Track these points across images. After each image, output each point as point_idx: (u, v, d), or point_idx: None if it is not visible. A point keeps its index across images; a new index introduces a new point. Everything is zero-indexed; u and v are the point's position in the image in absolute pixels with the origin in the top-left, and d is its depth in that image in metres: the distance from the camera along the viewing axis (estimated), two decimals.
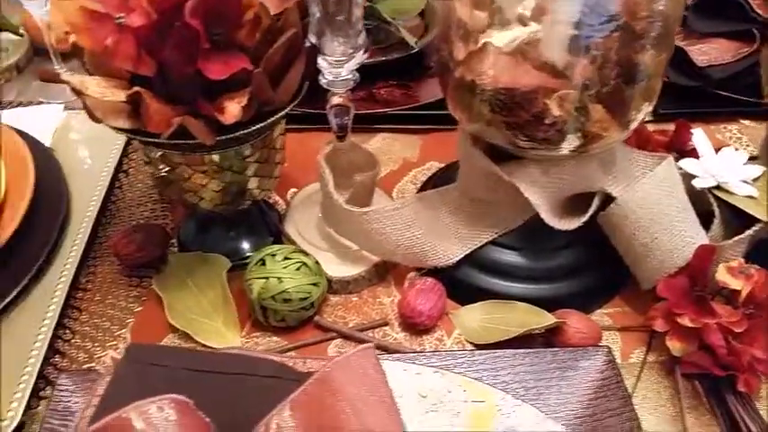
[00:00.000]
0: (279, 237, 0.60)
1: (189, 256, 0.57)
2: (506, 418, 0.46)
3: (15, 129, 0.64)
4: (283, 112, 0.47)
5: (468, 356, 0.49)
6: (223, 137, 0.44)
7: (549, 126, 0.46)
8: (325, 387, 0.36)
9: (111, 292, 0.56)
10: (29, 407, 0.47)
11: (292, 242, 0.59)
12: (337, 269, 0.56)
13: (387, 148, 0.72)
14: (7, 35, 0.83)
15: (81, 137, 0.70)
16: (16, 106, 0.76)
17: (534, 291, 0.54)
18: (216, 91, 0.45)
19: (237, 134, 0.45)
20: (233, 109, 0.43)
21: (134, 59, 0.42)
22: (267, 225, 0.62)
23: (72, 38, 0.46)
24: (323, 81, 0.51)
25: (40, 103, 0.76)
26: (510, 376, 0.48)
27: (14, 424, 0.46)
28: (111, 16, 0.41)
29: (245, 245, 0.60)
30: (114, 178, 0.65)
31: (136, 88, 0.41)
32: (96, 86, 0.43)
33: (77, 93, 0.44)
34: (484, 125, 0.48)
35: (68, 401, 0.46)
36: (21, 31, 0.83)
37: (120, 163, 0.67)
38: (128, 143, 0.69)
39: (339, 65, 0.49)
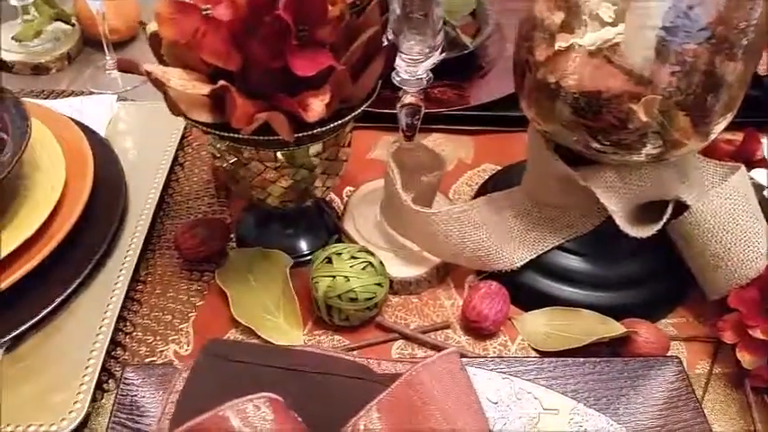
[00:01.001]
0: (336, 235, 0.60)
1: (249, 252, 0.57)
2: (579, 427, 0.45)
3: (72, 119, 0.64)
4: (360, 110, 0.47)
5: (536, 363, 0.48)
6: (302, 134, 0.44)
7: (632, 131, 0.45)
8: (413, 390, 0.36)
9: (172, 286, 0.56)
10: (93, 399, 0.47)
11: (352, 241, 0.58)
12: (398, 270, 0.55)
13: (439, 148, 0.71)
14: (59, 25, 0.83)
15: (134, 128, 0.70)
16: (68, 95, 0.76)
17: (599, 298, 0.54)
18: (294, 87, 0.44)
19: (316, 131, 0.45)
20: (317, 106, 0.42)
21: (220, 53, 0.41)
22: (325, 223, 0.61)
23: (150, 27, 0.46)
24: (396, 79, 0.50)
25: (92, 93, 0.76)
26: (580, 385, 0.48)
27: (81, 416, 0.45)
28: (198, 8, 0.41)
29: (303, 242, 0.59)
30: (170, 171, 0.65)
31: (223, 82, 0.41)
32: (178, 79, 0.43)
33: (158, 84, 0.43)
34: (560, 127, 0.48)
35: (135, 395, 0.46)
36: (73, 20, 0.83)
37: (175, 156, 0.66)
38: (183, 136, 0.69)
39: (415, 63, 0.49)
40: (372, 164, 0.69)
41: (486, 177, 0.66)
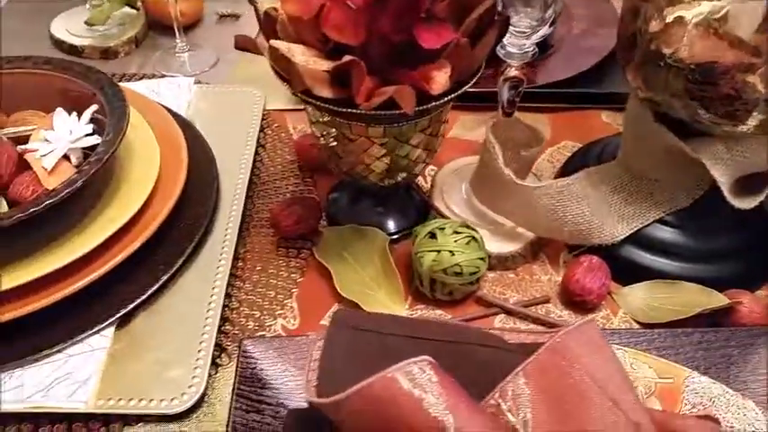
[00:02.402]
0: (425, 213, 0.60)
1: (344, 230, 0.57)
2: (695, 395, 0.45)
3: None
4: (470, 83, 0.47)
5: (647, 335, 0.49)
6: (423, 107, 0.44)
7: (745, 102, 0.45)
8: (560, 356, 0.36)
9: (271, 263, 0.56)
10: (207, 374, 0.47)
11: (444, 218, 0.58)
12: (495, 245, 0.56)
13: None
14: (125, 9, 0.83)
15: (212, 110, 0.70)
16: (140, 79, 0.76)
17: (697, 270, 0.54)
18: (412, 61, 0.44)
19: (435, 104, 0.45)
20: (441, 79, 0.42)
21: (344, 28, 0.42)
22: (414, 201, 0.61)
23: (263, 5, 0.46)
24: (501, 52, 0.50)
25: (164, 76, 0.77)
26: (690, 354, 0.48)
27: (201, 390, 0.46)
28: None
29: (391, 221, 0.60)
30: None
31: (351, 57, 0.41)
32: (301, 55, 0.43)
33: (280, 60, 0.44)
34: (670, 98, 0.48)
35: (254, 368, 0.46)
36: (138, 4, 0.84)
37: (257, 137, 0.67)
38: (262, 117, 0.69)
39: (523, 36, 0.49)
40: (451, 142, 0.69)
41: (568, 154, 0.66)
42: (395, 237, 0.58)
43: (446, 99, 0.45)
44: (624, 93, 0.73)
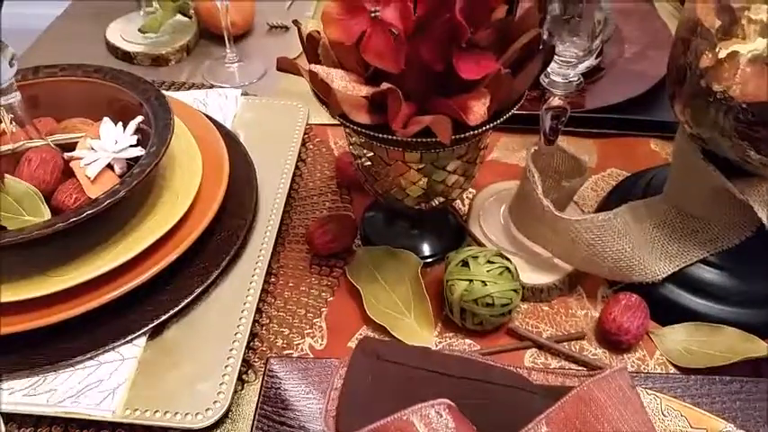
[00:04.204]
0: (461, 237, 0.60)
1: (377, 250, 0.57)
2: None
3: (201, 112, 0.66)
4: (510, 113, 0.46)
5: (682, 381, 0.47)
6: (458, 136, 0.44)
7: None
8: (585, 406, 0.35)
9: (303, 280, 0.56)
10: (233, 390, 0.48)
11: (479, 244, 0.58)
12: (529, 276, 0.54)
13: None
14: (177, 17, 0.85)
15: (257, 123, 0.71)
16: (189, 88, 0.77)
17: (741, 315, 0.51)
18: (450, 89, 0.44)
19: (471, 134, 0.44)
20: (478, 110, 0.42)
21: (385, 55, 0.41)
22: (450, 225, 0.61)
23: (307, 27, 0.47)
24: (545, 81, 0.49)
25: (212, 86, 0.78)
26: (727, 405, 0.46)
27: (225, 406, 0.46)
28: (367, 9, 0.41)
29: (426, 244, 0.59)
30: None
31: (389, 85, 0.41)
32: (340, 80, 0.43)
33: (320, 85, 0.44)
34: (718, 135, 0.46)
35: (278, 388, 0.47)
36: (190, 13, 0.85)
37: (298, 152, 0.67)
38: (305, 131, 0.69)
39: (568, 66, 0.47)
40: (491, 165, 0.68)
41: (613, 183, 0.65)
42: (429, 260, 0.58)
43: (484, 129, 0.45)
44: (674, 122, 0.71)
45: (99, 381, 0.47)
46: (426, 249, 0.59)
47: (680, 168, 0.52)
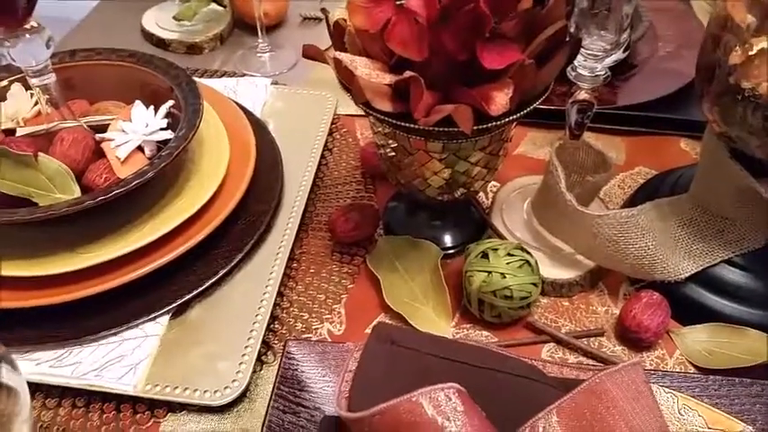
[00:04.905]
0: (482, 231, 0.60)
1: (398, 240, 0.57)
2: None
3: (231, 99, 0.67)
4: (535, 104, 0.46)
5: (701, 381, 0.46)
6: (480, 126, 0.44)
7: None
8: (597, 398, 0.35)
9: (325, 266, 0.57)
10: (253, 369, 0.48)
11: (501, 237, 0.58)
12: (550, 271, 0.54)
13: None
14: (212, 6, 0.86)
15: (286, 112, 0.71)
16: (221, 76, 0.79)
17: (764, 317, 0.50)
18: (474, 79, 0.44)
19: (493, 125, 0.44)
20: (500, 100, 0.42)
21: (409, 43, 0.42)
22: (472, 218, 0.61)
23: (334, 16, 0.47)
24: (571, 74, 0.49)
25: (244, 74, 0.79)
26: (747, 407, 0.45)
27: (244, 385, 0.47)
28: None
29: (448, 235, 0.59)
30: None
31: (411, 73, 0.41)
32: (364, 67, 0.44)
33: (344, 72, 0.44)
34: (747, 134, 0.45)
35: (296, 369, 0.47)
36: (225, 2, 0.86)
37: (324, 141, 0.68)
38: (332, 121, 0.70)
39: (595, 60, 0.47)
40: (517, 159, 0.68)
41: (641, 181, 0.64)
42: (450, 252, 0.58)
43: (507, 120, 0.45)
44: (706, 122, 0.70)
45: (122, 356, 0.48)
46: (447, 241, 0.59)
47: (707, 167, 0.51)
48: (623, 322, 0.50)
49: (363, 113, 0.72)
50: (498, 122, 0.44)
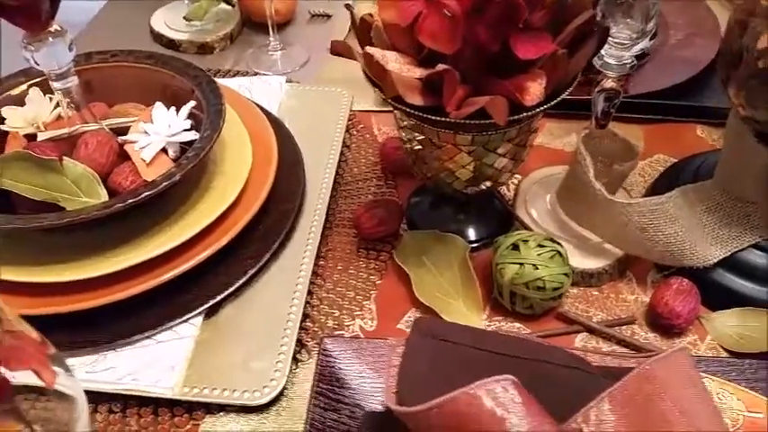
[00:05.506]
0: (506, 222, 0.60)
1: (424, 234, 0.57)
2: None
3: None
4: (564, 94, 0.46)
5: (736, 365, 0.47)
6: (514, 117, 0.44)
7: None
8: (649, 385, 0.35)
9: (352, 263, 0.57)
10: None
11: (527, 228, 0.58)
12: (579, 261, 0.54)
13: None
14: (221, 5, 0.86)
15: (302, 109, 0.71)
16: (234, 75, 0.78)
17: None
18: (505, 70, 0.44)
19: (526, 115, 0.44)
20: (535, 90, 0.42)
21: (440, 36, 0.42)
22: (496, 210, 0.61)
23: (359, 11, 0.47)
24: (598, 63, 0.49)
25: (257, 73, 0.79)
26: None
27: (282, 384, 0.47)
28: None
29: (472, 228, 0.59)
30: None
31: (445, 66, 0.41)
32: (395, 62, 0.44)
33: (374, 67, 0.44)
34: None
35: (333, 366, 0.47)
36: (233, 1, 0.86)
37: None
38: (348, 118, 0.70)
39: (622, 48, 0.47)
40: (536, 151, 0.67)
41: (660, 169, 0.64)
42: (474, 245, 0.58)
43: (539, 110, 0.45)
44: (721, 108, 0.70)
45: (157, 359, 0.48)
46: (472, 234, 0.59)
47: (732, 152, 0.52)
48: (655, 309, 0.51)
49: (379, 110, 0.73)
50: (530, 113, 0.44)
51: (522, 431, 0.31)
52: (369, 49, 0.44)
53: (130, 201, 0.48)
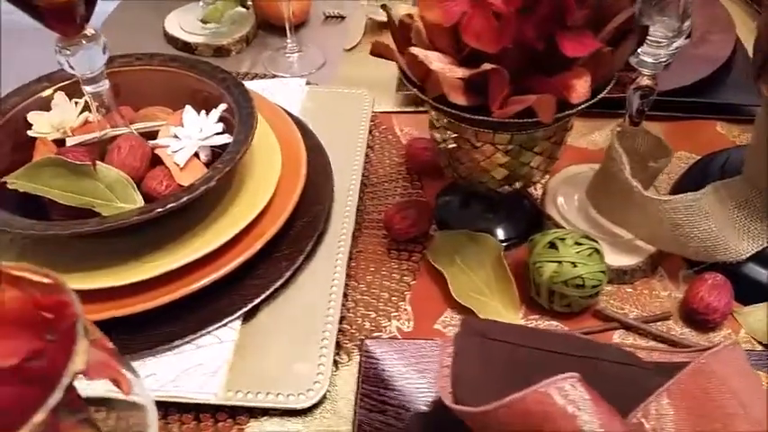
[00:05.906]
0: (534, 222, 0.60)
1: (455, 234, 0.57)
2: None
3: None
4: (604, 92, 0.46)
5: None
6: (559, 115, 0.44)
7: None
8: (706, 378, 0.35)
9: (384, 264, 0.57)
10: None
11: (558, 227, 0.58)
12: (613, 258, 0.55)
13: None
14: (236, 8, 0.86)
15: (323, 111, 0.71)
16: (252, 78, 0.78)
17: None
18: (549, 69, 0.44)
19: (569, 113, 0.44)
20: (581, 87, 0.42)
21: (485, 36, 0.42)
22: (525, 209, 0.61)
23: (397, 12, 0.47)
24: (633, 60, 0.49)
25: (275, 76, 0.78)
26: None
27: (326, 386, 0.47)
28: None
29: (501, 227, 0.59)
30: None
31: (493, 66, 0.41)
32: (438, 62, 0.44)
33: (417, 68, 0.44)
34: None
35: (376, 368, 0.47)
36: (248, 3, 0.86)
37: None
38: (371, 120, 0.70)
39: (659, 46, 0.48)
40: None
41: (683, 166, 0.65)
42: (504, 244, 0.58)
43: (582, 107, 0.45)
44: (740, 104, 0.71)
45: (199, 364, 0.48)
46: (501, 233, 0.59)
47: (760, 147, 0.52)
48: (690, 304, 0.51)
49: (400, 110, 0.72)
50: (575, 110, 0.44)
51: (594, 428, 0.31)
52: (413, 49, 0.44)
53: (171, 205, 0.48)
